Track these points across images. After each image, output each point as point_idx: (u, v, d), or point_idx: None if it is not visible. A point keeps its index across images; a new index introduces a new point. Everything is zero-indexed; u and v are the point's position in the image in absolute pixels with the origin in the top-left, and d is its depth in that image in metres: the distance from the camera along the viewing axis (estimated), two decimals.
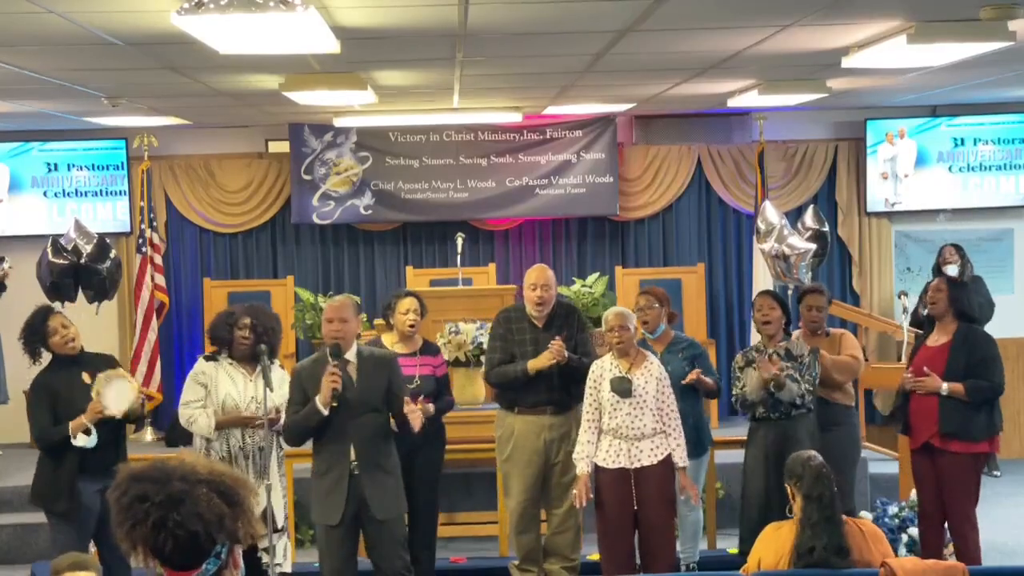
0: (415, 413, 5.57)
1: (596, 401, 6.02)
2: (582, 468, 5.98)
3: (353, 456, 5.56)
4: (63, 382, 5.86)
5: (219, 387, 6.01)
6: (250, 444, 5.99)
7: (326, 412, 5.49)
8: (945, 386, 6.18)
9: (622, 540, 6.02)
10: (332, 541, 5.62)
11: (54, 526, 5.92)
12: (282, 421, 5.86)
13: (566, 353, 6.26)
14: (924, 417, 6.30)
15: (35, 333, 5.94)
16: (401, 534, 5.79)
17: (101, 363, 5.96)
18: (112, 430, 5.86)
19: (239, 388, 6.01)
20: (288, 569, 6.15)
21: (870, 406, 9.77)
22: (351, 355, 5.64)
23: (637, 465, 5.95)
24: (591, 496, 5.99)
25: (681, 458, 5.97)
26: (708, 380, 6.50)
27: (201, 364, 6.12)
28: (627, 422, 5.95)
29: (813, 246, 8.49)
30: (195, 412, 5.98)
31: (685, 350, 6.59)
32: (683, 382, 6.40)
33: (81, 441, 5.68)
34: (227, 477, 2.37)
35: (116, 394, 5.76)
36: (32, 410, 5.92)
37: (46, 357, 6.05)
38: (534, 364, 6.27)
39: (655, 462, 5.95)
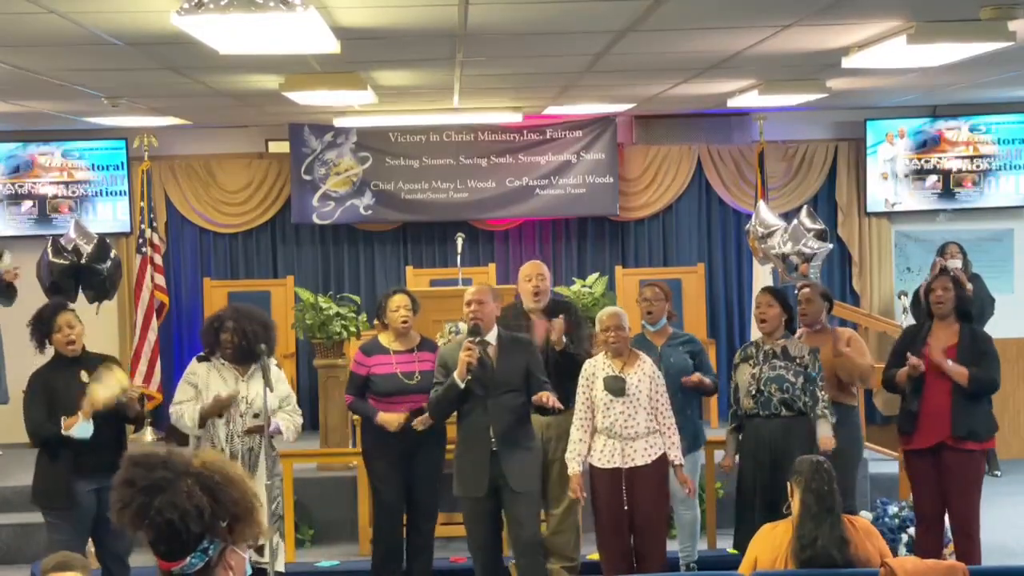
0: (551, 396, 5.86)
1: (589, 400, 6.01)
2: (574, 468, 5.99)
3: (492, 434, 5.93)
4: (62, 380, 5.87)
5: (210, 387, 6.00)
6: (239, 445, 5.96)
7: (462, 385, 5.86)
8: (950, 363, 6.21)
9: (618, 540, 6.03)
10: (478, 511, 6.06)
11: (51, 525, 5.93)
12: (272, 427, 5.88)
13: (564, 338, 6.27)
14: (936, 419, 6.29)
15: (42, 324, 5.97)
16: (537, 505, 6.22)
17: (102, 364, 5.95)
18: (112, 430, 5.86)
19: (230, 388, 5.99)
20: (281, 568, 6.11)
21: (870, 406, 9.77)
22: (491, 337, 6.01)
23: (631, 465, 5.95)
24: (585, 494, 6.00)
25: (677, 456, 5.98)
26: (707, 381, 6.60)
27: (193, 365, 6.15)
28: (620, 421, 5.95)
29: (831, 245, 8.49)
30: (182, 407, 6.01)
31: (685, 344, 6.68)
32: (683, 381, 6.43)
33: (75, 432, 5.70)
34: (220, 475, 2.35)
35: (103, 385, 5.79)
36: (28, 404, 5.93)
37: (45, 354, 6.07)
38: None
39: (649, 462, 5.95)
